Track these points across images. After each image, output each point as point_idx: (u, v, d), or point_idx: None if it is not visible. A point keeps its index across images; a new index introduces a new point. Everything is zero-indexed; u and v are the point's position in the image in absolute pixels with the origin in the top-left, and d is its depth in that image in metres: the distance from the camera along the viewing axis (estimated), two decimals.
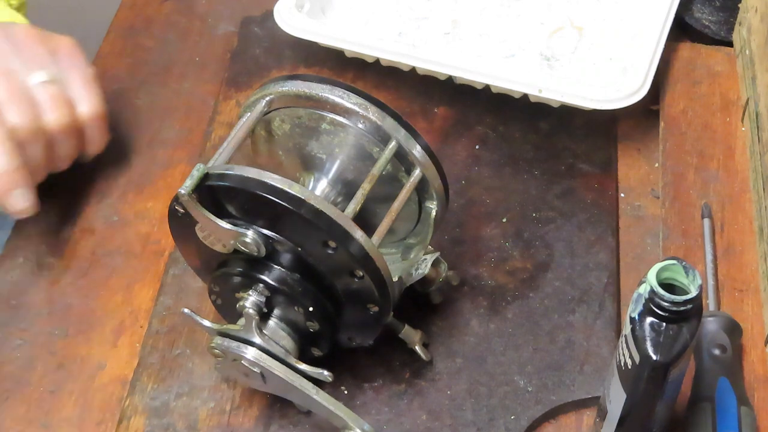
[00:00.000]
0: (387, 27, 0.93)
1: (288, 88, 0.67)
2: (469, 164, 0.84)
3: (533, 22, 0.93)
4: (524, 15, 0.94)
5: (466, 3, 0.95)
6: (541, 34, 0.92)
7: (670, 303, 0.57)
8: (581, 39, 0.91)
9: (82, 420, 0.71)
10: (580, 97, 0.81)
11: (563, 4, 0.94)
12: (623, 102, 0.81)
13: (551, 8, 0.94)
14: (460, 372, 0.72)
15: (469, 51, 0.91)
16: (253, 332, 0.65)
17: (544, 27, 0.92)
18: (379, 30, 0.93)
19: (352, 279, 0.64)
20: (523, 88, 0.83)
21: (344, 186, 0.69)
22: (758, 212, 0.79)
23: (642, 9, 0.92)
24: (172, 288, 0.77)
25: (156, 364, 0.73)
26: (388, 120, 0.66)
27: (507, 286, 0.76)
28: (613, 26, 0.92)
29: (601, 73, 0.88)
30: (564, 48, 0.91)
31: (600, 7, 0.94)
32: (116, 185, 0.84)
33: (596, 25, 0.92)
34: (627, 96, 0.81)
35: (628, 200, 0.82)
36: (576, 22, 0.92)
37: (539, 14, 0.94)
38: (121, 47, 0.94)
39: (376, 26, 0.93)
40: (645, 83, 0.82)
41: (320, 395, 0.65)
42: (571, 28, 0.91)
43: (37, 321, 0.76)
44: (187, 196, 0.62)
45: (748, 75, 0.86)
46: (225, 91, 0.90)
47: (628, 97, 0.81)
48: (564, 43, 0.91)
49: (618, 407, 0.63)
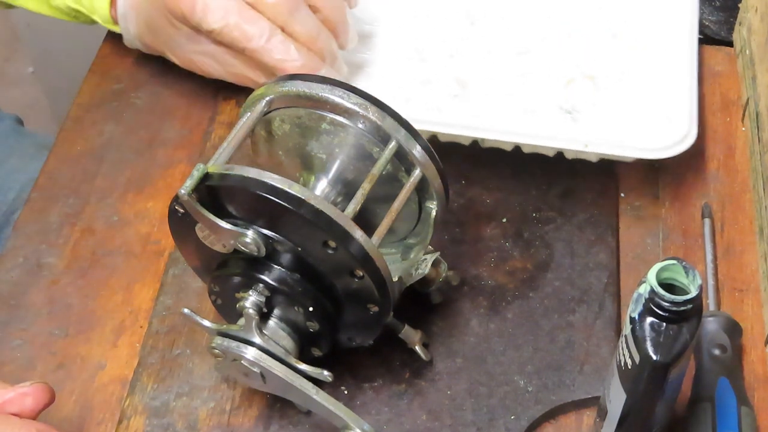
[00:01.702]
0: (393, 94, 0.86)
1: (288, 88, 0.67)
2: (469, 164, 0.84)
3: (542, 75, 0.88)
4: (531, 70, 0.89)
5: (465, 61, 0.89)
6: (555, 87, 0.87)
7: (670, 303, 0.57)
8: (596, 88, 0.87)
9: (82, 420, 0.71)
10: (630, 149, 0.79)
11: (569, 55, 0.89)
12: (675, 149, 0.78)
13: (557, 60, 0.89)
14: (460, 372, 0.72)
15: (484, 111, 0.85)
16: (253, 332, 0.65)
17: (555, 80, 0.88)
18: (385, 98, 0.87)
19: (352, 279, 0.64)
20: (564, 145, 0.80)
21: (344, 186, 0.69)
22: (758, 212, 0.79)
23: (655, 50, 0.88)
24: (172, 288, 0.77)
25: (156, 364, 0.73)
26: (388, 120, 0.66)
27: (507, 286, 0.76)
28: (625, 70, 0.88)
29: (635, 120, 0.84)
30: (581, 99, 0.86)
31: (607, 53, 0.89)
32: (116, 185, 0.84)
33: (608, 72, 0.88)
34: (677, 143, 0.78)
35: (628, 200, 0.82)
36: (587, 72, 0.88)
37: (547, 67, 0.89)
38: (121, 47, 0.94)
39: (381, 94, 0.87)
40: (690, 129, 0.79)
41: (320, 395, 0.65)
42: (583, 78, 0.87)
43: (37, 321, 0.76)
44: (187, 196, 0.62)
45: (749, 75, 0.86)
46: (225, 91, 0.90)
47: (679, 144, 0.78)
48: (580, 94, 0.86)
49: (618, 407, 0.63)
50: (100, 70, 0.93)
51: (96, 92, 0.91)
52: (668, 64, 0.86)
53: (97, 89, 0.91)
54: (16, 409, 0.62)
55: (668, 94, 0.84)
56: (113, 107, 0.90)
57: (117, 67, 0.93)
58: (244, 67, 0.83)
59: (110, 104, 0.90)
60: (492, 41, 0.91)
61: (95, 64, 0.93)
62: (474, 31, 0.92)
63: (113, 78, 0.92)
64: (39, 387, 0.63)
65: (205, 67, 0.86)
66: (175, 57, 0.87)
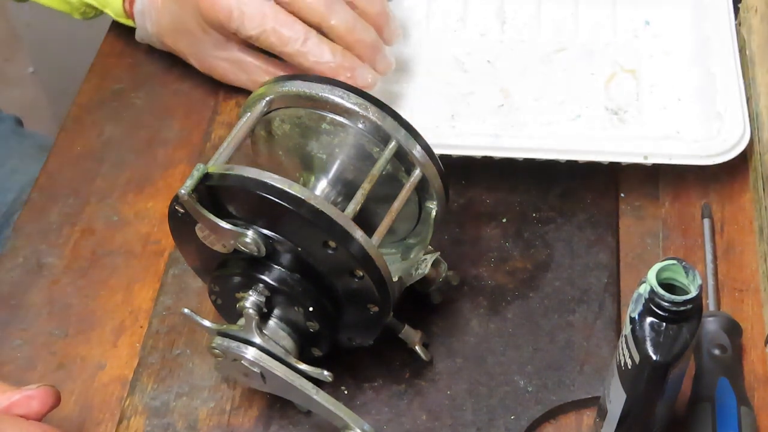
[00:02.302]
0: (437, 111, 0.85)
1: (288, 88, 0.67)
2: (469, 164, 0.84)
3: (582, 73, 0.87)
4: (570, 68, 0.87)
5: (505, 65, 0.88)
6: (597, 86, 0.85)
7: (670, 303, 0.57)
8: (639, 83, 0.85)
9: (82, 420, 0.71)
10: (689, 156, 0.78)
11: (604, 50, 0.88)
12: (731, 153, 0.78)
13: (594, 54, 0.88)
14: (460, 372, 0.72)
15: (534, 121, 0.84)
16: (253, 332, 0.65)
17: (595, 77, 0.86)
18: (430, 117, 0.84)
19: (352, 279, 0.64)
20: (623, 158, 0.79)
21: (344, 186, 0.69)
22: (758, 212, 0.79)
23: (688, 35, 0.87)
24: (172, 288, 0.77)
25: (156, 364, 0.73)
26: (388, 120, 0.66)
27: (507, 286, 0.76)
28: (665, 63, 0.87)
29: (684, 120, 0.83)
30: (626, 97, 0.84)
31: (642, 42, 0.88)
32: (116, 185, 0.84)
33: (647, 63, 0.87)
34: (733, 146, 0.78)
35: (628, 200, 0.82)
36: (626, 66, 0.86)
37: (585, 64, 0.87)
38: (121, 47, 0.94)
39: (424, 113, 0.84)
40: (745, 129, 0.79)
41: (320, 395, 0.65)
42: (623, 72, 0.86)
43: (37, 321, 0.76)
44: (187, 196, 0.62)
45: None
46: (225, 91, 0.90)
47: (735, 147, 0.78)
48: (624, 91, 0.85)
49: (618, 407, 0.63)
50: (100, 70, 0.93)
51: (96, 92, 0.91)
52: (708, 54, 0.85)
53: (97, 89, 0.91)
54: (22, 412, 0.62)
55: (716, 89, 0.82)
56: (113, 107, 0.90)
57: (117, 67, 0.93)
58: (267, 75, 0.83)
59: (110, 104, 0.90)
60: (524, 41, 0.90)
61: (95, 64, 0.93)
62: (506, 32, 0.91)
63: (113, 78, 0.92)
64: (45, 390, 0.63)
65: (227, 74, 0.86)
66: (197, 61, 0.87)
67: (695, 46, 0.87)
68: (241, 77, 0.86)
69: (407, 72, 0.89)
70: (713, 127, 0.80)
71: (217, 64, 0.86)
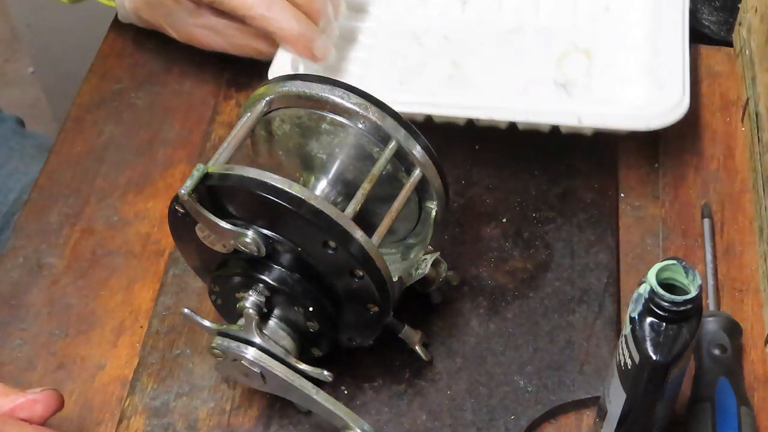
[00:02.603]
0: (386, 79, 0.87)
1: (288, 88, 0.67)
2: (469, 164, 0.84)
3: (537, 52, 0.88)
4: (525, 47, 0.89)
5: (460, 42, 0.89)
6: (549, 62, 0.87)
7: (670, 303, 0.57)
8: (591, 62, 0.87)
9: (82, 420, 0.71)
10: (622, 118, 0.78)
11: (563, 30, 0.90)
12: (668, 117, 0.78)
13: (551, 36, 0.89)
14: (460, 372, 0.72)
15: (479, 91, 0.85)
16: (253, 332, 0.65)
17: (549, 56, 0.88)
18: (379, 83, 0.86)
19: (352, 279, 0.64)
20: (558, 120, 0.79)
21: (344, 186, 0.69)
22: (758, 212, 0.79)
23: (647, 21, 0.88)
24: (172, 288, 0.77)
25: (156, 364, 0.73)
26: (388, 120, 0.66)
27: (507, 286, 0.76)
28: (619, 44, 0.88)
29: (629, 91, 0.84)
30: (576, 73, 0.86)
31: (600, 26, 0.90)
32: (116, 185, 0.84)
33: (602, 45, 0.88)
34: (670, 110, 0.78)
35: (628, 200, 0.82)
36: (580, 45, 0.88)
37: (541, 43, 0.89)
38: (121, 47, 0.94)
39: (374, 81, 0.86)
40: (684, 95, 0.79)
41: (320, 395, 0.65)
42: (578, 51, 0.87)
43: (37, 321, 0.76)
44: (187, 196, 0.62)
45: (748, 75, 0.86)
46: (225, 91, 0.90)
47: (672, 111, 0.78)
48: (575, 68, 0.86)
49: (618, 407, 0.63)
50: (100, 70, 0.93)
51: (96, 92, 0.91)
52: (660, 34, 0.86)
53: (97, 89, 0.91)
54: (25, 415, 0.62)
55: (660, 64, 0.84)
56: (113, 107, 0.90)
57: (117, 67, 0.93)
58: (245, 37, 0.84)
59: (110, 104, 0.90)
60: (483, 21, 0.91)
61: (95, 64, 0.93)
62: (466, 12, 0.92)
63: (113, 78, 0.92)
64: (49, 394, 0.63)
65: (205, 40, 0.86)
66: (174, 31, 0.88)
67: (650, 29, 0.88)
68: (219, 41, 0.86)
69: (360, 43, 0.90)
70: (653, 96, 0.81)
71: (194, 31, 0.86)
